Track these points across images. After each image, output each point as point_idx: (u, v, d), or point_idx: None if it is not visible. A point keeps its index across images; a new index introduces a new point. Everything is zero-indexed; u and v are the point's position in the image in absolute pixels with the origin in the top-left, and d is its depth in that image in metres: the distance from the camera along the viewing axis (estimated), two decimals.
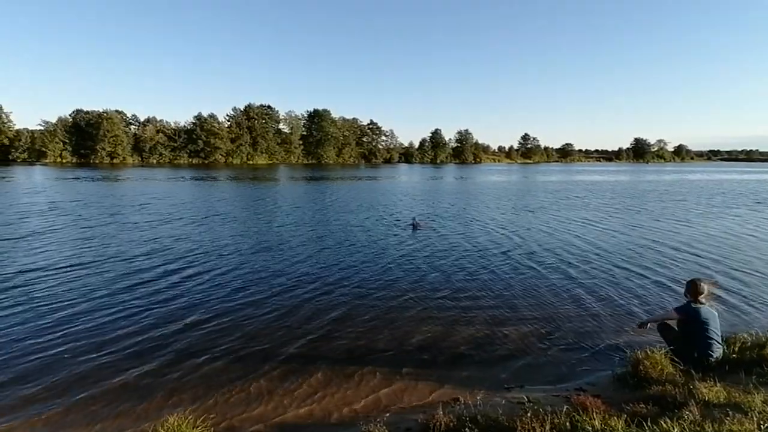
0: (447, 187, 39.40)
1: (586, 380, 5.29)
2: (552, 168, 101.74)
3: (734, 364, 4.99)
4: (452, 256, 11.76)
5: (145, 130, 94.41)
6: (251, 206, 22.52)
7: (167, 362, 5.63)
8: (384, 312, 7.52)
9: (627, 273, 10.16)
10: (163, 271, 9.93)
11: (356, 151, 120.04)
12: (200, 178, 46.26)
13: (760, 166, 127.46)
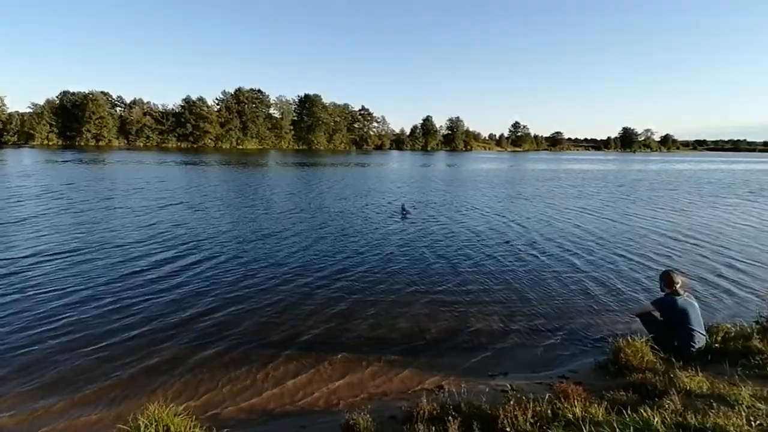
0: (439, 175, 39.38)
1: (568, 368, 5.36)
2: (542, 156, 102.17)
3: (717, 354, 5.06)
4: (439, 244, 11.78)
5: (132, 112, 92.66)
6: (243, 192, 22.29)
7: (149, 351, 5.56)
8: (368, 300, 7.51)
9: (615, 261, 10.28)
10: (149, 258, 9.79)
11: (347, 137, 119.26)
12: (190, 162, 45.62)
13: (747, 156, 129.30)
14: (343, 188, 25.27)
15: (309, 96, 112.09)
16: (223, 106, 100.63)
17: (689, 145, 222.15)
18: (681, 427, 3.31)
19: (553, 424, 3.35)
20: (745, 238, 13.27)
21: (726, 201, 22.72)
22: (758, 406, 3.56)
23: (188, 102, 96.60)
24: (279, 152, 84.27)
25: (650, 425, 3.34)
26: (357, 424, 3.57)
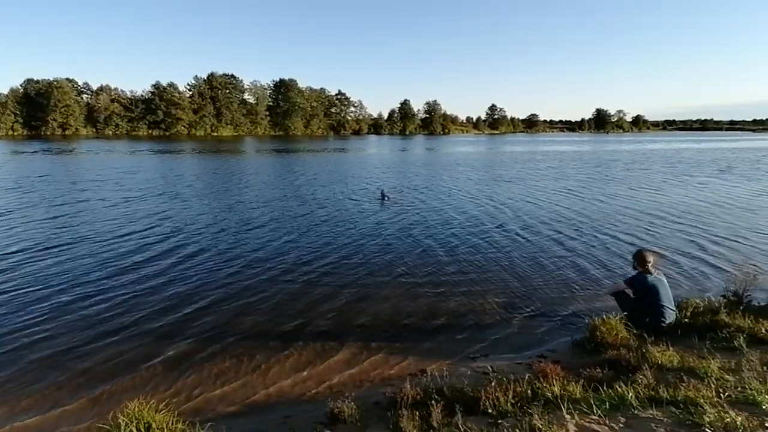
0: (418, 159, 39.40)
1: (547, 347, 5.50)
2: (519, 139, 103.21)
3: (687, 329, 5.26)
4: (418, 230, 11.84)
5: (99, 99, 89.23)
6: (222, 182, 21.86)
7: (128, 347, 5.45)
8: (349, 288, 7.51)
9: (592, 241, 10.53)
10: (129, 253, 9.54)
11: (325, 122, 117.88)
12: (164, 150, 44.42)
13: (714, 135, 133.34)
14: (323, 175, 25.04)
15: (284, 81, 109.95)
16: (196, 92, 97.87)
17: (659, 125, 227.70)
18: (654, 401, 3.45)
19: (533, 404, 3.44)
20: (715, 215, 13.74)
21: (698, 179, 23.44)
22: (726, 378, 3.73)
23: (158, 88, 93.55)
24: (255, 139, 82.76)
25: (625, 400, 3.47)
26: (342, 412, 3.60)
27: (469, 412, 3.45)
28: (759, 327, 4.91)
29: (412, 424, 3.28)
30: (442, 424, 3.31)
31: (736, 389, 3.50)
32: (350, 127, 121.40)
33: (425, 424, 3.34)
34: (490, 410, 3.46)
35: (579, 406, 3.41)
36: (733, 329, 4.95)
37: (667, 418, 3.22)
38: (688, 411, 3.21)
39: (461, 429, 3.22)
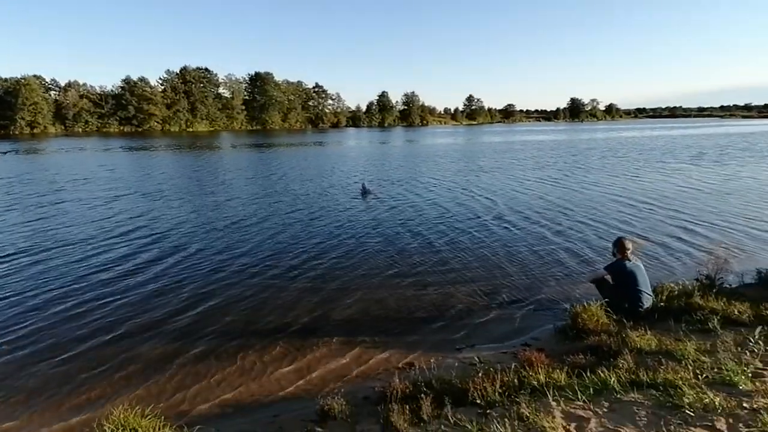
0: (398, 152, 39.38)
1: (530, 335, 5.61)
2: (497, 129, 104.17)
3: (663, 313, 5.44)
4: (399, 222, 11.88)
5: (67, 95, 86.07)
6: (200, 179, 21.43)
7: (111, 353, 5.30)
8: (331, 283, 7.48)
9: (573, 229, 10.74)
10: (106, 255, 9.26)
11: (302, 115, 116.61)
12: (138, 147, 43.27)
13: (683, 122, 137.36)
14: (302, 170, 24.80)
15: (260, 74, 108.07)
16: (168, 87, 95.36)
17: (631, 113, 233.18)
18: (635, 385, 3.56)
19: (520, 393, 3.51)
20: (689, 200, 14.17)
21: (672, 166, 24.08)
22: (703, 359, 3.88)
23: (128, 83, 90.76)
24: (232, 134, 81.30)
25: (607, 385, 3.58)
26: (332, 409, 3.60)
27: (458, 404, 3.50)
28: (732, 309, 5.11)
29: (403, 418, 3.31)
30: (432, 416, 3.35)
31: (713, 370, 3.64)
32: (329, 120, 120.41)
33: (415, 417, 3.37)
34: (478, 401, 3.51)
35: (564, 393, 3.50)
36: (707, 312, 5.13)
37: (648, 400, 3.33)
38: (668, 393, 3.33)
39: (451, 421, 3.26)
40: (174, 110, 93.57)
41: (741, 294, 5.83)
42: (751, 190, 15.98)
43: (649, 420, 3.07)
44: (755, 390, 3.31)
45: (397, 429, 3.23)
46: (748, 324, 4.77)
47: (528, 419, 3.13)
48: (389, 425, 3.28)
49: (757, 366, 3.73)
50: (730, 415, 3.01)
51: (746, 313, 5.01)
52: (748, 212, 12.24)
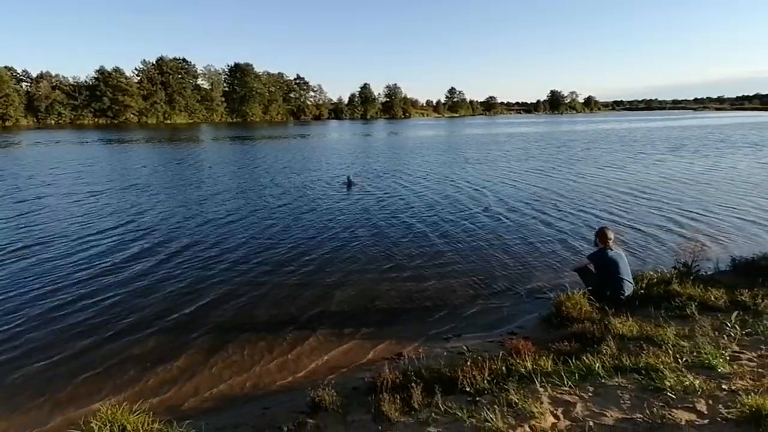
0: (381, 144, 39.29)
1: (516, 324, 5.70)
2: (478, 121, 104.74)
3: (644, 300, 5.60)
4: (384, 215, 11.89)
5: (39, 86, 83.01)
6: (182, 172, 20.99)
7: (96, 350, 5.19)
8: (317, 276, 7.46)
9: (554, 220, 10.90)
10: (88, 251, 9.04)
11: (284, 107, 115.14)
12: (117, 140, 42.10)
13: (660, 114, 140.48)
14: (285, 163, 24.54)
15: (240, 65, 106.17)
16: (144, 77, 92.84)
17: (609, 106, 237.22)
18: (618, 369, 3.67)
19: (508, 380, 3.58)
20: (670, 190, 14.53)
21: (654, 157, 24.63)
22: (682, 344, 4.01)
23: (102, 73, 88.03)
24: (212, 126, 79.86)
25: (592, 370, 3.67)
26: (323, 400, 3.61)
27: (447, 392, 3.54)
28: (708, 295, 5.28)
29: (394, 407, 3.34)
30: (422, 404, 3.39)
31: (692, 354, 3.77)
32: (311, 113, 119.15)
33: (406, 405, 3.40)
34: (468, 388, 3.56)
35: (551, 379, 3.58)
36: (685, 298, 5.31)
37: (631, 384, 3.43)
38: (650, 377, 3.44)
39: (442, 408, 3.31)
40: (151, 102, 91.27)
41: (717, 281, 6.03)
42: (728, 180, 16.46)
43: (633, 403, 3.17)
44: (733, 372, 3.44)
45: (388, 417, 3.26)
46: (724, 309, 4.95)
47: (517, 405, 3.19)
48: (380, 414, 3.31)
49: (735, 349, 3.88)
50: (709, 396, 3.12)
51: (722, 299, 5.20)
52: (724, 201, 12.63)
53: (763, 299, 4.98)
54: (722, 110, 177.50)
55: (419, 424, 3.16)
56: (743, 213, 11.29)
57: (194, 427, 3.33)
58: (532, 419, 3.03)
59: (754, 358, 3.72)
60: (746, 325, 4.39)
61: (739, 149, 28.02)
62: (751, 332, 4.24)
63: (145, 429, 3.15)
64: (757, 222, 10.41)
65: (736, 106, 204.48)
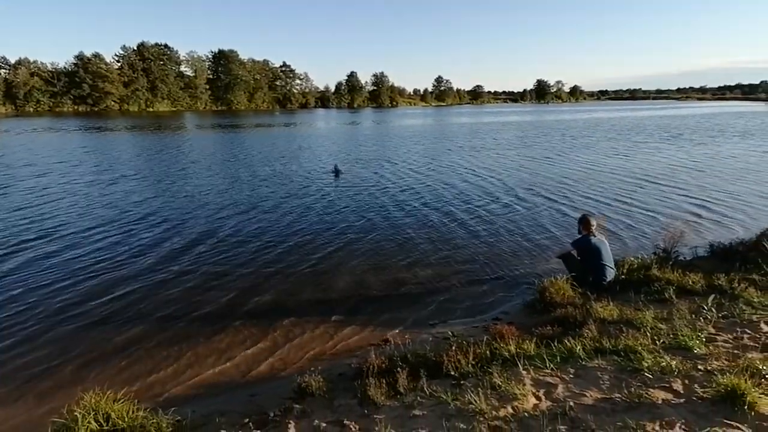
0: (369, 133, 39.06)
1: (501, 310, 5.79)
2: (466, 110, 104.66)
3: (624, 285, 5.74)
4: (370, 203, 11.90)
5: (18, 73, 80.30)
6: (166, 160, 20.63)
7: (78, 337, 5.15)
8: (303, 264, 7.46)
9: (538, 208, 11.03)
10: (66, 239, 8.89)
11: (270, 96, 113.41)
12: (98, 128, 41.06)
13: (645, 104, 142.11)
14: (272, 151, 24.27)
15: (224, 52, 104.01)
16: (125, 64, 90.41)
17: (594, 95, 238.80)
18: (598, 352, 3.76)
19: (492, 363, 3.64)
20: (659, 177, 14.77)
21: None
22: (660, 326, 4.12)
23: (81, 59, 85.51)
24: (196, 114, 78.41)
25: (573, 353, 3.75)
26: (309, 386, 3.63)
27: (433, 376, 3.60)
28: (686, 279, 5.42)
29: (380, 391, 3.38)
30: (408, 388, 3.43)
31: (669, 336, 3.88)
32: (297, 101, 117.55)
33: (392, 389, 3.45)
34: (452, 372, 3.62)
35: (533, 362, 3.65)
36: (663, 283, 5.45)
37: (610, 365, 3.52)
38: (629, 358, 3.53)
39: (427, 392, 3.36)
40: (132, 89, 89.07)
41: (695, 266, 6.19)
42: (714, 167, 16.79)
43: (612, 383, 3.26)
44: (709, 353, 3.55)
45: (375, 402, 3.30)
46: (701, 293, 5.09)
47: (500, 388, 3.25)
48: (366, 398, 3.34)
49: (711, 331, 4.00)
50: (686, 376, 3.22)
51: (699, 283, 5.34)
52: (708, 188, 12.91)
53: (740, 283, 5.13)
54: (704, 100, 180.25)
55: (405, 407, 3.20)
56: (725, 199, 11.57)
57: (180, 414, 3.33)
58: (515, 401, 3.10)
59: (730, 340, 3.84)
60: (723, 308, 4.52)
61: (729, 138, 28.62)
62: (728, 315, 4.37)
63: (130, 417, 3.14)
64: (738, 208, 10.69)
65: (717, 96, 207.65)
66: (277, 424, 3.13)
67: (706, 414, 2.77)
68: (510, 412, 2.99)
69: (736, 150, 22.30)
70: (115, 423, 3.07)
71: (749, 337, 3.88)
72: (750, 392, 2.76)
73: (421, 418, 3.04)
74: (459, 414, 3.01)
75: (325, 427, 3.04)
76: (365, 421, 3.06)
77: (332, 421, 3.13)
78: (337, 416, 3.19)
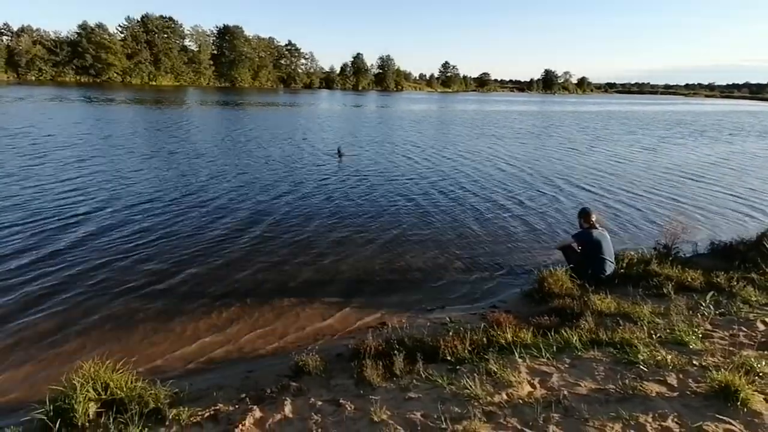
0: (374, 117, 38.76)
1: (499, 298, 5.81)
2: (471, 97, 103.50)
3: (623, 278, 5.75)
4: (372, 187, 11.87)
5: (20, 41, 79.09)
6: (167, 136, 20.50)
7: (80, 308, 5.17)
8: (308, 244, 7.49)
9: (543, 199, 11.00)
10: (74, 210, 8.88)
11: (274, 74, 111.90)
12: (102, 99, 40.65)
13: (653, 99, 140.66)
14: (276, 131, 24.04)
15: (229, 27, 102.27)
16: (129, 35, 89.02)
17: (601, 88, 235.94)
18: (595, 343, 3.78)
19: (488, 350, 3.67)
20: (668, 174, 14.71)
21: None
22: (657, 321, 4.14)
23: (85, 29, 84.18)
24: (199, 90, 77.58)
25: (569, 344, 3.78)
26: (306, 365, 3.66)
27: (429, 360, 3.63)
28: (685, 275, 5.43)
29: (376, 373, 3.41)
30: (404, 371, 3.47)
31: (666, 331, 3.90)
32: (301, 81, 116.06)
33: (388, 372, 3.48)
34: (449, 357, 3.65)
35: (530, 351, 3.68)
36: (662, 278, 5.46)
37: (606, 357, 3.55)
38: (624, 351, 3.56)
39: (423, 375, 3.39)
40: (135, 61, 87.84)
41: (695, 262, 6.20)
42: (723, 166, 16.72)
43: (607, 374, 3.28)
44: (705, 349, 3.58)
45: (370, 383, 3.33)
46: (699, 290, 5.10)
47: (495, 374, 3.28)
48: (363, 379, 3.38)
49: (707, 328, 4.03)
50: (680, 371, 3.25)
51: (698, 280, 5.35)
52: (715, 186, 12.88)
53: (738, 282, 5.15)
54: (712, 97, 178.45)
55: (400, 389, 3.24)
56: (729, 197, 11.55)
57: (178, 387, 3.36)
58: (510, 387, 3.13)
59: (726, 337, 3.86)
60: (720, 305, 4.54)
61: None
62: (725, 313, 4.40)
63: (129, 387, 3.17)
64: (742, 207, 10.69)
65: (725, 93, 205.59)
66: (274, 401, 3.17)
67: (698, 408, 2.80)
68: (504, 398, 3.02)
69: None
70: (113, 392, 3.10)
71: (745, 334, 3.90)
72: (744, 389, 2.79)
73: (416, 400, 3.07)
74: (454, 398, 3.04)
75: (321, 405, 3.08)
76: (361, 401, 3.09)
77: (328, 399, 3.16)
78: (333, 395, 3.22)
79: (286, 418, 2.95)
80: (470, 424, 2.69)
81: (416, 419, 2.82)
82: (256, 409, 3.02)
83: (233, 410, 3.07)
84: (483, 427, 2.69)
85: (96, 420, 2.94)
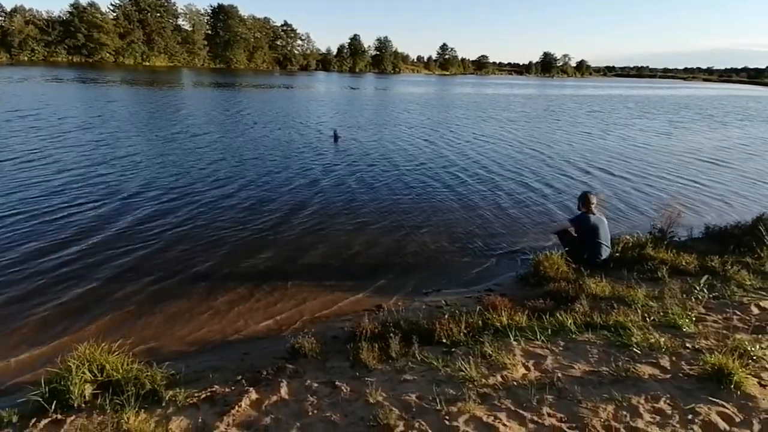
0: (371, 99, 38.36)
1: (494, 281, 5.83)
2: (470, 80, 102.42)
3: (618, 262, 5.77)
4: (368, 169, 11.81)
5: (13, 21, 77.33)
6: (161, 118, 20.22)
7: (75, 290, 5.15)
8: (301, 229, 7.45)
9: (539, 182, 10.98)
10: (64, 194, 8.79)
11: (270, 55, 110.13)
12: (95, 80, 39.96)
13: (652, 82, 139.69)
14: (271, 113, 23.77)
15: (224, 6, 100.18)
16: (121, 14, 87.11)
17: (600, 71, 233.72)
18: (589, 326, 3.81)
19: (484, 333, 3.69)
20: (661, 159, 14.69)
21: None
22: (651, 304, 4.17)
23: (77, 8, 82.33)
24: (194, 71, 76.39)
25: (564, 327, 3.80)
26: (302, 347, 3.67)
27: (425, 343, 3.64)
28: (680, 260, 5.46)
29: (372, 355, 3.43)
30: (399, 354, 3.48)
31: (660, 314, 3.92)
32: (297, 63, 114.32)
33: (384, 354, 3.50)
34: (444, 340, 3.67)
35: (524, 334, 3.70)
36: (657, 262, 5.48)
37: (600, 340, 3.58)
38: (618, 333, 3.58)
39: (418, 358, 3.41)
40: (128, 41, 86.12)
41: (689, 246, 6.23)
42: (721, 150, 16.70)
43: (600, 357, 3.31)
44: (698, 332, 3.61)
45: (366, 365, 3.35)
46: (693, 274, 5.13)
47: (490, 357, 3.30)
48: (359, 361, 3.39)
49: (701, 311, 4.05)
50: (673, 353, 3.28)
51: (693, 264, 5.38)
52: (711, 170, 12.87)
53: (733, 266, 5.17)
54: (710, 81, 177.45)
55: (396, 371, 3.26)
56: (725, 183, 11.57)
57: (174, 368, 3.37)
58: (504, 370, 3.15)
59: (720, 320, 3.89)
60: (714, 289, 4.57)
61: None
62: (719, 296, 4.43)
63: (125, 369, 3.17)
64: (738, 192, 10.72)
65: (723, 78, 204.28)
66: (270, 382, 3.18)
67: (691, 391, 2.83)
68: (499, 380, 3.05)
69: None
70: (109, 374, 3.10)
71: (739, 318, 3.93)
72: (737, 372, 2.82)
73: (411, 382, 3.09)
74: (449, 380, 3.06)
75: (317, 387, 3.09)
76: (356, 383, 3.11)
77: (324, 381, 3.18)
78: (328, 377, 3.24)
79: (282, 399, 2.97)
80: (465, 406, 2.72)
81: (411, 401, 2.84)
82: (252, 391, 3.04)
83: (229, 392, 3.08)
84: (477, 409, 2.71)
85: (92, 401, 2.95)
